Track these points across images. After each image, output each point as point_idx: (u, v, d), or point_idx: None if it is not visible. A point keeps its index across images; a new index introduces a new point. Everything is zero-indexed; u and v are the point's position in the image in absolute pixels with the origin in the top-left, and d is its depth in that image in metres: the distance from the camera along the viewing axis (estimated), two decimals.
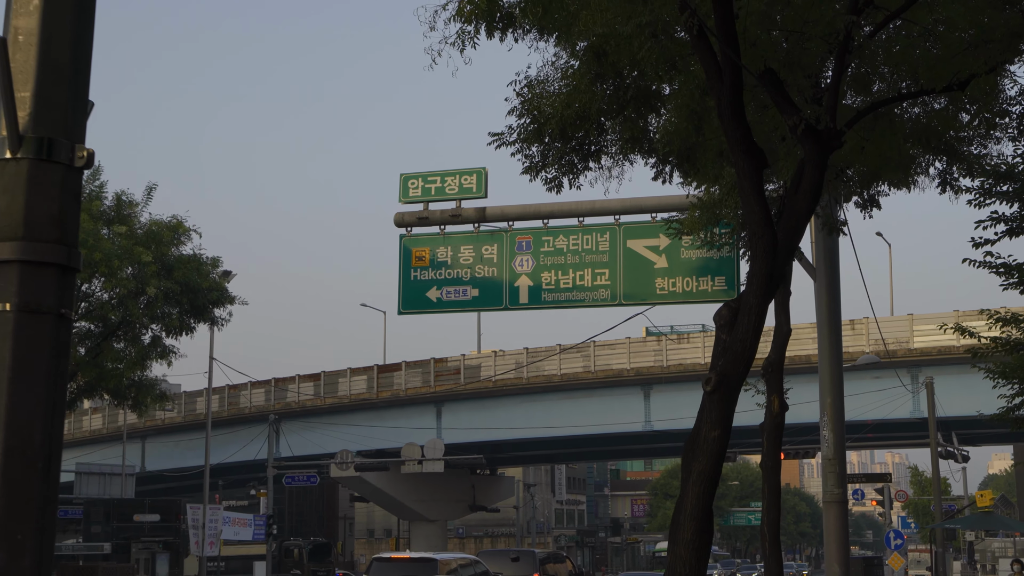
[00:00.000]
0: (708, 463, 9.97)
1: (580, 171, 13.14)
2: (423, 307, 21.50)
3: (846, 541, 18.56)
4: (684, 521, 9.99)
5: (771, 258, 10.24)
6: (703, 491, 9.97)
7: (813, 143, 10.75)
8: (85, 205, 34.94)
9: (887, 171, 13.69)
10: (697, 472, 9.97)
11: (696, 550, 9.83)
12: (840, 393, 18.95)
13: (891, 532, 43.78)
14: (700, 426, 10.14)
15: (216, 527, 47.09)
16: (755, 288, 10.15)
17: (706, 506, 10.03)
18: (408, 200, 21.38)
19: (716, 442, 9.94)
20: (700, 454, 9.96)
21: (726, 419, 10.08)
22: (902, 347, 54.31)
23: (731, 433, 10.25)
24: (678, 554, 9.89)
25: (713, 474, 10.08)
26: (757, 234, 10.31)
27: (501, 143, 12.85)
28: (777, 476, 15.50)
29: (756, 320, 10.11)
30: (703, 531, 9.96)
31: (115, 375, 35.07)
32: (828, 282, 18.87)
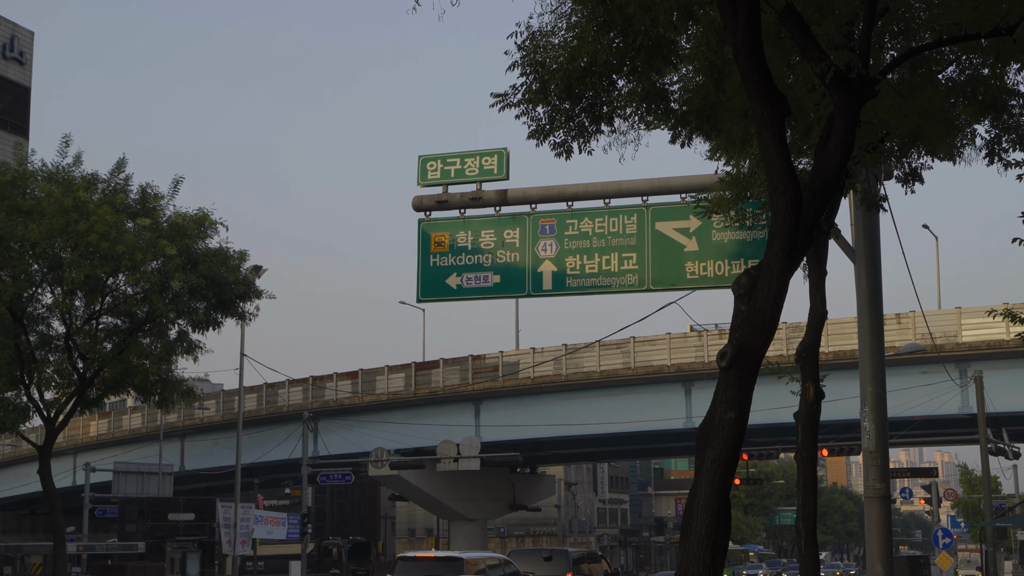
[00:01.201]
0: (723, 448, 8.99)
1: (591, 134, 12.12)
2: (442, 294, 20.60)
3: (889, 538, 17.48)
4: (697, 514, 9.03)
5: (794, 216, 9.24)
6: (718, 480, 8.99)
7: (843, 93, 9.74)
8: (108, 198, 34.37)
9: (929, 131, 12.61)
10: (711, 459, 9.00)
11: (711, 546, 8.87)
12: (882, 382, 17.86)
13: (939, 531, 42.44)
14: (715, 407, 9.17)
15: (248, 526, 46.44)
16: (776, 251, 9.15)
17: (721, 497, 9.06)
18: (427, 183, 20.49)
19: (732, 425, 8.96)
20: (714, 438, 9.00)
21: (744, 399, 9.11)
22: (950, 341, 52.92)
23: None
24: (690, 551, 8.92)
25: (729, 461, 9.09)
26: (778, 189, 9.29)
27: (504, 104, 11.87)
28: (813, 468, 14.50)
29: (777, 287, 9.12)
30: (718, 524, 8.97)
31: (140, 371, 34.42)
32: (868, 264, 17.79)
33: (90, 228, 32.07)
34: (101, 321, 36.34)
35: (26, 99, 52.52)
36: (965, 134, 15.13)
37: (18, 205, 33.13)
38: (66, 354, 35.38)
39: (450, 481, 65.48)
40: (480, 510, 71.32)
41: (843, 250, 18.13)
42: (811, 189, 9.78)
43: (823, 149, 9.95)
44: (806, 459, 14.45)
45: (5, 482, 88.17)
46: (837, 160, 9.77)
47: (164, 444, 77.97)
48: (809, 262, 15.13)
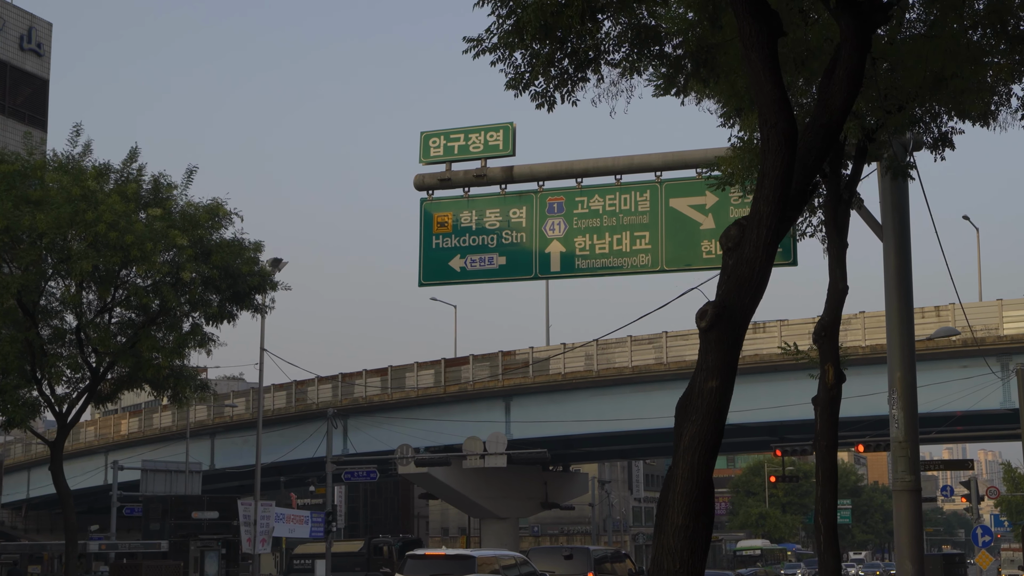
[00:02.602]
0: (704, 423, 7.81)
1: (576, 82, 10.95)
2: (446, 278, 19.54)
3: (919, 534, 16.27)
4: (673, 500, 7.84)
5: (788, 152, 8.08)
6: (698, 460, 7.80)
7: (851, 17, 8.59)
8: (118, 187, 33.59)
9: (953, 73, 11.38)
10: (690, 436, 7.81)
11: (689, 538, 7.67)
12: (911, 368, 16.67)
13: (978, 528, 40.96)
14: (695, 376, 8.03)
15: (268, 524, 45.59)
16: (767, 193, 8.01)
17: (702, 480, 7.86)
18: (429, 160, 19.42)
19: (714, 396, 7.80)
20: (694, 412, 7.84)
21: (727, 365, 7.93)
22: (991, 334, 51.44)
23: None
24: (665, 544, 7.74)
25: (710, 438, 7.90)
26: (769, 121, 8.14)
27: (479, 50, 10.73)
28: (833, 457, 13.34)
29: (768, 235, 7.97)
30: (698, 513, 7.76)
31: (153, 365, 33.57)
32: (897, 240, 16.59)
33: (98, 218, 31.27)
34: (114, 314, 35.56)
35: (44, 91, 51.98)
36: (999, 94, 13.94)
37: (27, 195, 32.37)
38: (77, 348, 34.57)
39: (481, 479, 64.56)
40: (511, 508, 70.39)
41: (870, 226, 16.96)
42: (813, 128, 8.65)
43: (827, 84, 8.82)
44: (825, 448, 13.30)
45: (37, 481, 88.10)
46: (843, 96, 8.62)
47: (195, 442, 77.56)
48: (828, 233, 13.99)
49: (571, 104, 10.91)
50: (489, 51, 10.59)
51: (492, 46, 10.53)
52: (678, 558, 7.66)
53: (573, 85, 10.88)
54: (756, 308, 8.26)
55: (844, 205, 13.99)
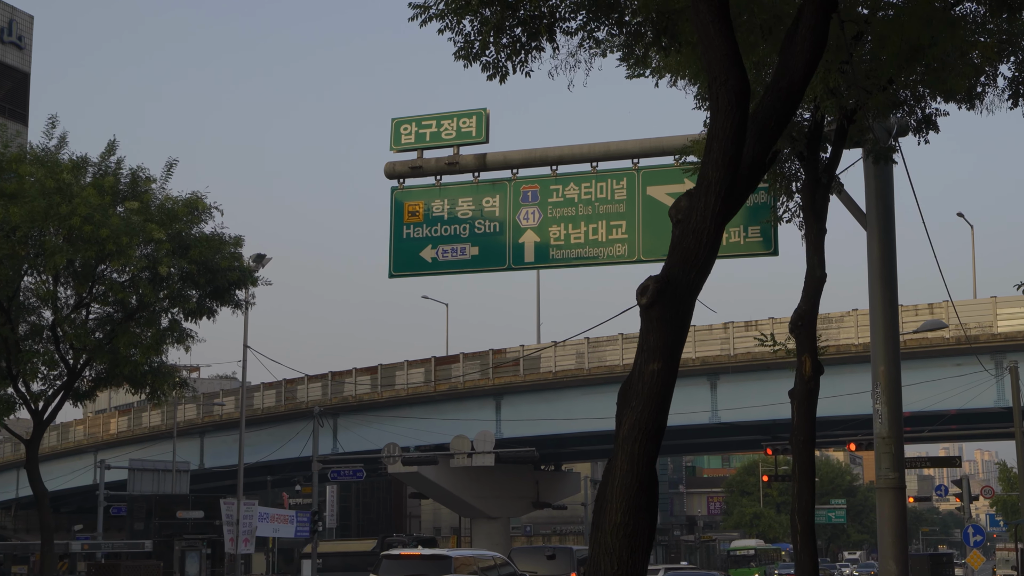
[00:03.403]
0: (644, 411, 7.17)
1: (529, 51, 10.32)
2: (416, 268, 18.92)
3: (903, 533, 15.68)
4: (612, 496, 7.17)
5: (738, 113, 7.46)
6: (638, 451, 7.14)
7: None
8: (95, 181, 32.98)
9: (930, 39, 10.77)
10: (629, 424, 7.17)
11: (628, 537, 7.00)
12: (895, 361, 16.07)
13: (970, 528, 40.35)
14: (636, 358, 7.40)
15: (251, 524, 44.97)
16: (716, 156, 7.40)
17: (643, 474, 7.18)
18: (400, 148, 18.80)
19: (655, 379, 7.16)
20: (634, 397, 7.20)
21: (670, 347, 7.29)
22: (985, 331, 50.92)
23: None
24: (603, 543, 7.08)
25: (651, 426, 7.25)
26: (719, 77, 7.51)
27: (425, 16, 10.11)
28: (810, 453, 12.74)
29: (716, 203, 7.35)
30: (639, 509, 7.07)
31: (130, 361, 32.92)
32: (881, 227, 16.00)
33: (72, 211, 30.64)
34: (92, 310, 34.92)
35: (25, 85, 51.29)
36: (986, 75, 13.37)
37: (1, 188, 31.72)
38: (53, 344, 33.93)
39: (471, 478, 64.01)
40: (503, 508, 69.84)
41: (853, 214, 16.35)
42: (773, 92, 8.04)
43: (789, 44, 8.20)
44: (802, 443, 12.71)
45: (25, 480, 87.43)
46: (805, 56, 8.00)
47: (184, 441, 76.94)
48: (806, 218, 13.40)
49: (524, 75, 10.30)
50: (436, 18, 9.98)
51: (439, 12, 9.91)
52: (616, 559, 7.00)
53: (527, 55, 10.25)
54: (703, 284, 7.64)
55: (823, 189, 13.40)
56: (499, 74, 10.31)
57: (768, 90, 8.14)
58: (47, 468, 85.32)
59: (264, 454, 68.96)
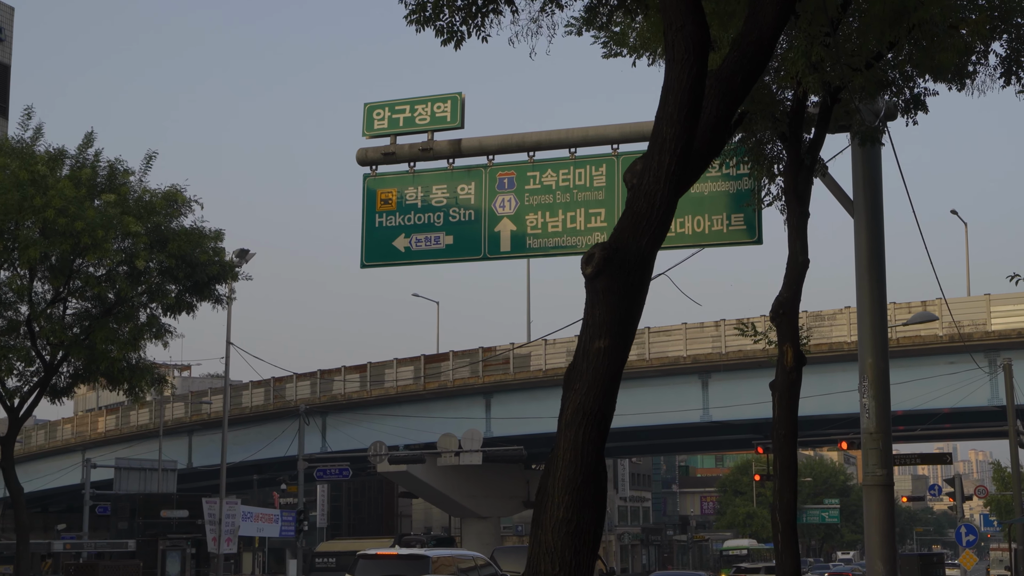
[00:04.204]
0: (590, 392, 6.48)
1: (486, 14, 9.67)
2: (389, 258, 18.26)
3: (891, 532, 15.06)
4: (554, 489, 6.47)
5: (696, 63, 6.82)
6: (583, 438, 6.44)
7: None
8: (72, 173, 32.36)
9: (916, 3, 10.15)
10: (573, 408, 6.47)
11: (572, 536, 6.30)
12: (883, 353, 15.45)
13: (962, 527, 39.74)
14: (581, 335, 6.74)
15: (233, 522, 44.29)
16: (670, 112, 6.75)
17: (588, 464, 6.46)
18: (373, 133, 18.16)
19: (601, 358, 6.48)
20: (577, 379, 6.54)
21: (620, 322, 6.58)
22: (979, 329, 50.38)
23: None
24: (544, 543, 6.42)
25: (597, 410, 6.55)
26: (675, 24, 6.86)
27: None
28: (792, 448, 12.13)
29: (671, 162, 6.70)
30: (584, 504, 6.37)
31: (107, 357, 32.28)
32: (869, 213, 15.38)
33: (47, 204, 30.00)
34: (69, 305, 34.28)
35: (6, 77, 50.54)
36: (976, 52, 12.78)
37: None
38: (29, 340, 33.27)
39: (461, 477, 63.42)
40: (493, 507, 69.27)
41: (839, 200, 15.74)
42: (740, 47, 7.41)
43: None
44: (783, 437, 12.09)
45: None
46: (776, 9, 7.39)
47: (173, 440, 76.26)
48: (788, 201, 12.79)
49: (481, 40, 9.65)
50: None
51: None
52: (558, 559, 6.33)
53: (483, 18, 9.60)
54: (656, 252, 7.00)
55: (806, 171, 12.79)
56: (454, 39, 9.67)
57: (735, 45, 7.52)
58: (35, 467, 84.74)
59: (254, 453, 68.33)
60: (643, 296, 6.90)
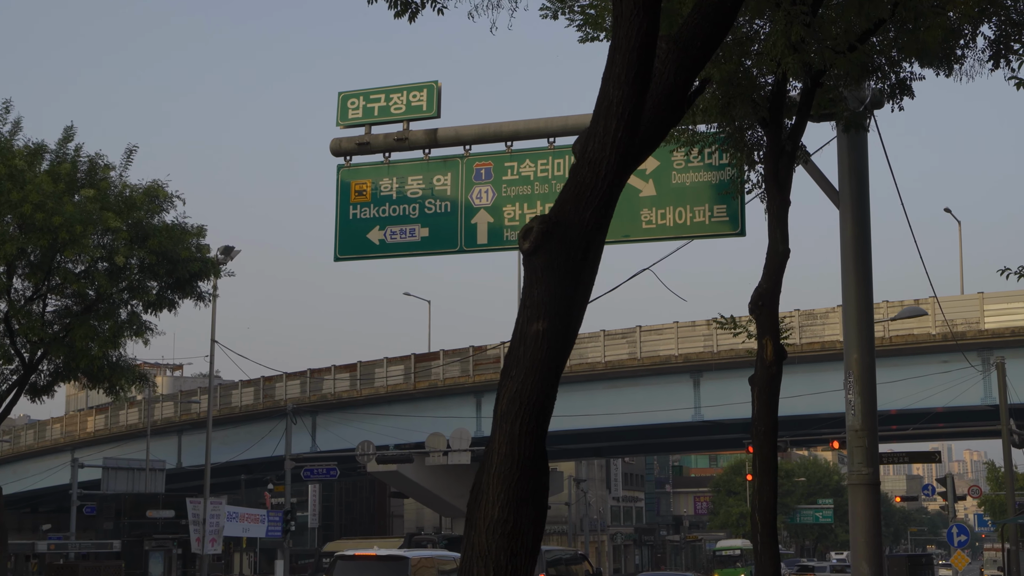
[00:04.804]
0: (527, 379, 5.95)
1: None
2: (363, 251, 17.78)
3: (877, 532, 14.61)
4: (488, 487, 5.94)
5: (647, 19, 6.31)
6: (519, 431, 5.91)
7: None
8: (51, 168, 31.84)
9: None
10: (509, 397, 5.95)
11: (508, 536, 5.78)
12: (869, 348, 14.99)
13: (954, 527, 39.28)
14: (518, 317, 6.22)
15: (218, 523, 43.79)
16: (617, 72, 6.25)
17: (526, 458, 5.90)
18: (347, 123, 17.68)
19: (539, 342, 5.93)
20: (514, 365, 6.01)
21: (559, 301, 6.03)
22: (972, 328, 49.99)
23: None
24: (477, 544, 5.86)
25: (535, 399, 6.01)
26: None
27: None
28: (772, 445, 11.67)
29: (618, 127, 6.18)
30: (522, 502, 5.83)
31: (86, 355, 31.73)
32: (855, 204, 14.93)
33: (24, 198, 29.46)
34: (50, 302, 33.73)
35: None
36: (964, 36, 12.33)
37: None
38: (8, 337, 32.72)
39: (452, 477, 62.97)
40: None
41: (824, 190, 15.28)
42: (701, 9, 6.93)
43: None
44: (763, 433, 11.62)
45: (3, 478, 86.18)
46: None
47: (162, 440, 75.73)
48: (768, 188, 12.32)
49: (437, 12, 9.14)
50: None
51: None
52: (492, 563, 5.79)
53: None
54: (603, 228, 6.49)
55: (787, 157, 12.32)
56: (407, 11, 9.18)
57: (695, 7, 7.05)
58: (24, 467, 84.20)
59: (244, 453, 67.88)
60: (588, 275, 6.41)
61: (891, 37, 12.53)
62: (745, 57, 12.04)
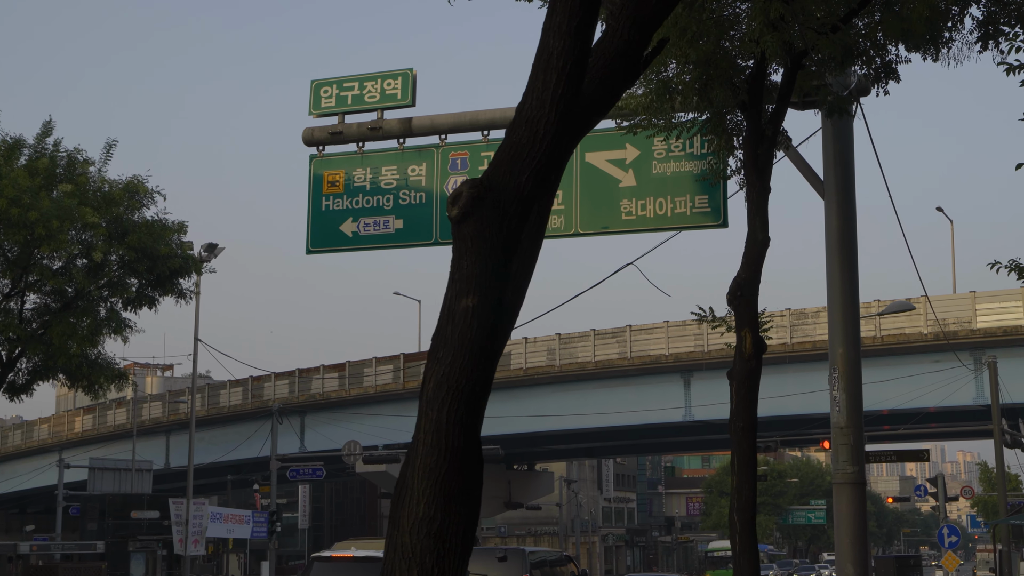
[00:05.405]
0: (456, 362, 5.39)
1: None
2: (336, 244, 17.28)
3: (863, 533, 14.14)
4: (413, 480, 5.37)
5: None
6: (447, 419, 5.32)
7: None
8: (29, 163, 31.36)
9: None
10: (435, 381, 5.38)
11: (434, 536, 5.23)
12: (855, 342, 14.52)
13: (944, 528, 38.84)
14: (446, 294, 5.68)
15: (201, 523, 43.28)
16: (558, 22, 5.70)
17: (454, 450, 5.34)
18: (320, 112, 17.19)
19: (468, 319, 5.37)
20: (442, 346, 5.48)
21: (491, 272, 5.49)
22: (964, 327, 49.59)
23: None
24: (399, 544, 5.30)
25: (464, 384, 5.41)
26: None
27: None
28: (751, 442, 11.19)
29: (560, 82, 5.63)
30: (450, 499, 5.30)
31: (65, 353, 31.22)
32: (840, 194, 14.46)
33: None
34: (29, 299, 33.24)
35: None
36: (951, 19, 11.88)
37: None
38: None
39: None
40: None
41: (809, 180, 14.80)
42: None
43: None
44: (742, 430, 11.16)
45: None
46: None
47: (151, 440, 75.16)
48: (747, 175, 11.86)
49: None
50: None
51: None
52: (416, 566, 5.23)
53: None
54: (542, 194, 5.94)
55: (767, 143, 11.86)
56: None
57: None
58: (12, 467, 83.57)
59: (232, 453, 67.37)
60: (530, 248, 5.91)
61: (876, 20, 12.09)
62: (725, 39, 11.58)
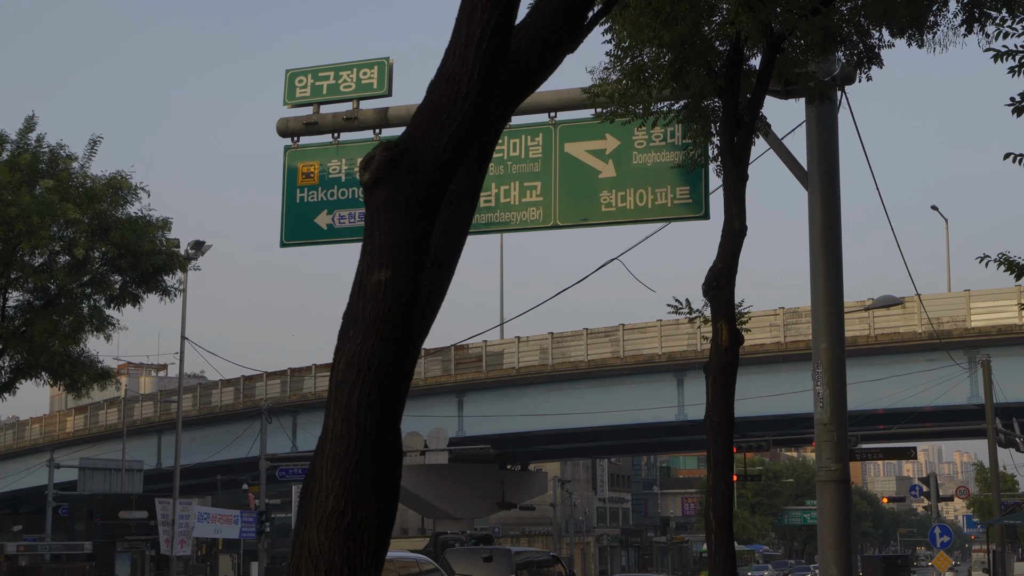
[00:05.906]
0: (368, 341, 4.93)
1: None
2: (311, 237, 16.91)
3: (847, 532, 13.77)
4: (322, 471, 4.95)
5: None
6: (358, 404, 4.85)
7: None
8: (10, 159, 30.98)
9: None
10: (346, 363, 4.94)
11: (344, 532, 4.71)
12: (839, 337, 14.15)
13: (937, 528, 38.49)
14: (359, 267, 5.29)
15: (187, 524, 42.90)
16: None
17: (366, 437, 4.92)
18: (295, 102, 16.81)
19: (381, 294, 4.93)
20: (352, 325, 5.05)
21: (407, 244, 5.08)
22: (958, 326, 49.26)
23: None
24: (307, 541, 4.82)
25: (377, 365, 4.89)
26: None
27: None
28: (728, 437, 10.82)
29: (481, 37, 5.16)
30: (363, 492, 4.85)
31: (46, 350, 30.81)
32: (824, 185, 14.11)
33: None
34: (10, 296, 32.80)
35: None
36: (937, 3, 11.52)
37: None
38: None
39: (434, 477, 62.18)
40: (466, 508, 68.05)
41: (792, 170, 14.44)
42: None
43: None
44: (719, 425, 10.78)
45: None
46: None
47: (142, 439, 74.74)
48: (724, 162, 11.48)
49: None
50: None
51: None
52: (324, 564, 4.79)
53: None
54: (463, 158, 5.52)
55: (745, 129, 11.50)
56: None
57: None
58: (3, 467, 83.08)
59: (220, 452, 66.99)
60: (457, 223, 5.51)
61: (859, 3, 11.74)
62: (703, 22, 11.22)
